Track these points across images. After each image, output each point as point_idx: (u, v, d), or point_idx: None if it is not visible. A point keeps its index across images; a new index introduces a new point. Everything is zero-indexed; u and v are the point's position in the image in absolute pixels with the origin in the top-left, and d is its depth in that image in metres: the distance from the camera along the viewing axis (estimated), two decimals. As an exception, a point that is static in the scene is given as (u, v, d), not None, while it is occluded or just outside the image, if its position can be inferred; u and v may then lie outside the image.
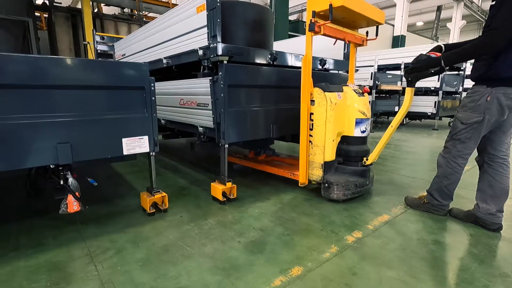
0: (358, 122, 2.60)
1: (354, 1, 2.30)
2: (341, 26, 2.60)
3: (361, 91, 2.72)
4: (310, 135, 2.61)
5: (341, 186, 2.53)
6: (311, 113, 2.57)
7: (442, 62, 2.00)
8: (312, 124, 2.57)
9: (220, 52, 2.33)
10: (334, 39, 2.66)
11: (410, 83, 2.28)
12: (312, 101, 2.54)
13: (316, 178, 2.64)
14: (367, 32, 2.92)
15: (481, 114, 1.98)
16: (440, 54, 2.05)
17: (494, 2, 1.81)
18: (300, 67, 3.18)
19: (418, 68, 2.12)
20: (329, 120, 2.49)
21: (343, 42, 3.64)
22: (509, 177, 2.10)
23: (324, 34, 2.43)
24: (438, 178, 2.30)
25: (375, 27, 2.79)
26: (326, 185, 2.57)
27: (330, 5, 2.23)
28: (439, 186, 2.29)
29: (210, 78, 2.46)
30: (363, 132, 2.64)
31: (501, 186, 2.09)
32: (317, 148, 2.58)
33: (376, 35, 2.81)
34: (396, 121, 2.48)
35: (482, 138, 2.10)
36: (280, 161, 3.52)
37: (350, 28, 2.73)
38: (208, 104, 2.55)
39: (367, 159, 2.64)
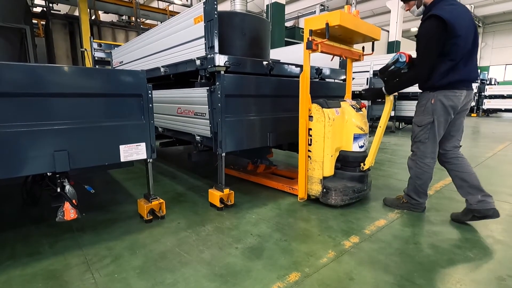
0: (356, 138, 2.63)
1: (350, 20, 2.35)
2: (338, 42, 2.66)
3: (358, 107, 2.76)
4: (309, 150, 2.63)
5: (339, 191, 2.54)
6: (310, 129, 2.60)
7: (385, 91, 2.47)
8: (311, 139, 2.60)
9: (217, 62, 2.37)
10: (331, 56, 2.72)
11: (367, 99, 2.54)
12: (311, 117, 2.57)
13: (315, 193, 2.65)
14: (363, 47, 2.98)
15: (431, 115, 2.25)
16: (409, 54, 2.30)
17: (416, 35, 2.20)
18: (296, 76, 3.22)
19: (366, 96, 2.68)
20: (328, 136, 2.51)
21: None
22: (469, 164, 2.32)
23: (322, 51, 2.49)
24: (412, 179, 2.48)
25: (371, 42, 2.86)
26: (325, 190, 2.59)
27: (327, 24, 2.28)
28: (413, 186, 2.48)
29: (208, 88, 2.48)
30: (361, 147, 2.66)
31: (469, 173, 2.28)
32: (316, 164, 2.60)
33: (372, 50, 2.87)
34: (383, 121, 2.58)
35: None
36: (279, 173, 3.53)
37: (347, 44, 2.79)
38: (205, 114, 2.57)
39: (364, 165, 2.67)
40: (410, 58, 2.28)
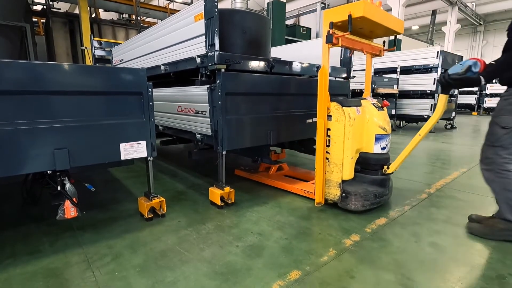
0: (378, 138, 2.45)
1: (374, 11, 2.21)
2: (358, 36, 2.52)
3: (380, 105, 2.59)
4: (327, 152, 2.47)
5: (360, 196, 2.38)
6: (328, 129, 2.44)
7: (482, 79, 1.93)
8: (329, 140, 2.44)
9: (218, 60, 2.35)
10: (351, 50, 2.58)
11: (445, 90, 2.09)
12: (329, 116, 2.42)
13: (333, 198, 2.49)
14: (384, 42, 2.82)
15: None
16: (483, 62, 1.95)
17: None
18: (297, 74, 3.21)
19: (455, 82, 1.99)
20: (348, 136, 2.36)
21: (339, 48, 3.70)
22: None
23: (342, 46, 2.36)
24: (499, 195, 1.99)
25: (386, 37, 2.70)
26: (344, 195, 2.42)
27: (349, 16, 2.13)
28: (506, 204, 1.97)
29: (208, 86, 2.47)
30: (383, 148, 2.49)
31: None
32: (335, 166, 2.44)
33: (394, 45, 2.69)
34: (425, 129, 2.28)
35: None
36: (291, 175, 3.40)
37: (367, 38, 2.65)
38: (206, 112, 2.57)
39: (388, 167, 2.47)
40: (485, 66, 1.94)
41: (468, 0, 18.07)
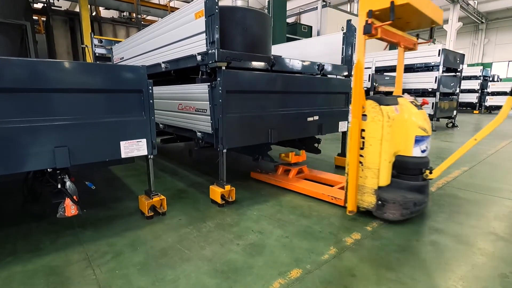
0: (418, 140, 2.23)
1: None
2: (393, 28, 2.34)
3: (418, 103, 2.40)
4: (361, 155, 2.28)
5: (399, 204, 2.15)
6: (362, 130, 2.25)
7: None
8: (363, 142, 2.25)
9: (218, 58, 2.34)
10: (386, 43, 2.46)
11: None
12: (364, 116, 2.23)
13: (367, 206, 2.29)
14: (417, 35, 2.67)
15: None
16: None
17: None
18: (298, 72, 3.20)
19: None
20: (386, 138, 2.15)
21: (341, 46, 3.68)
22: None
23: (379, 38, 2.16)
24: None
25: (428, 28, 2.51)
26: (380, 202, 2.22)
27: (392, 3, 1.94)
28: None
29: (209, 84, 2.47)
30: (423, 151, 2.26)
31: None
32: (369, 171, 2.25)
33: (430, 37, 2.51)
34: (482, 134, 2.12)
35: None
36: (313, 178, 3.19)
37: (401, 30, 2.47)
38: (206, 110, 2.56)
39: (430, 172, 2.25)
40: None
41: (470, -3, 17.97)
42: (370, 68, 7.02)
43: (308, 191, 2.81)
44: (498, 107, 14.06)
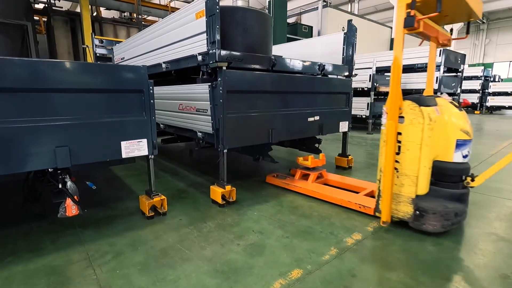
0: (460, 145, 2.04)
1: None
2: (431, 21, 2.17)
3: (457, 104, 2.22)
4: (396, 161, 2.12)
5: (440, 215, 1.98)
6: (398, 133, 2.09)
7: None
8: (399, 147, 2.09)
9: (219, 58, 2.34)
10: (421, 39, 2.21)
11: None
12: (401, 118, 2.07)
13: (402, 216, 2.12)
14: (451, 30, 2.54)
15: None
16: None
17: None
18: (299, 72, 3.20)
19: None
20: (426, 142, 1.99)
21: (341, 46, 3.68)
22: None
23: (419, 32, 1.99)
24: None
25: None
26: (418, 213, 2.05)
27: None
28: None
29: (209, 84, 2.47)
30: (465, 157, 2.08)
31: None
32: (406, 178, 2.09)
33: (467, 32, 2.36)
34: None
35: None
36: (334, 184, 3.04)
37: (438, 24, 2.29)
38: (207, 110, 2.56)
39: (472, 180, 2.06)
40: None
41: (471, -2, 17.93)
42: (371, 68, 7.01)
43: (331, 198, 2.64)
44: (499, 107, 14.05)
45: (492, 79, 15.03)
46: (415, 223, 2.08)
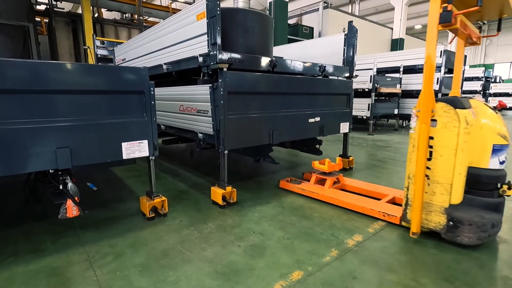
0: (497, 150, 1.90)
1: None
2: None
3: (491, 106, 2.09)
4: (427, 167, 1.99)
5: (476, 226, 1.84)
6: (430, 137, 1.96)
7: None
8: (431, 152, 1.96)
9: (220, 59, 2.35)
10: (452, 37, 2.13)
11: None
12: (433, 121, 1.93)
13: (434, 227, 1.99)
14: (481, 26, 2.51)
15: None
16: None
17: None
18: (299, 73, 3.20)
19: None
20: (462, 148, 1.85)
21: (342, 47, 3.68)
22: None
23: (452, 29, 1.88)
24: None
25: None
26: (451, 223, 1.91)
27: None
28: None
29: (210, 85, 2.47)
30: (502, 163, 1.93)
31: None
32: (438, 186, 1.95)
33: (499, 29, 2.29)
34: None
35: None
36: (353, 190, 2.90)
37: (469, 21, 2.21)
38: (208, 111, 2.56)
39: (509, 188, 1.90)
40: None
41: (472, -1, 17.90)
42: (372, 69, 7.01)
43: (352, 206, 2.50)
44: (500, 108, 13.99)
45: (493, 80, 15.02)
46: (448, 234, 1.94)
